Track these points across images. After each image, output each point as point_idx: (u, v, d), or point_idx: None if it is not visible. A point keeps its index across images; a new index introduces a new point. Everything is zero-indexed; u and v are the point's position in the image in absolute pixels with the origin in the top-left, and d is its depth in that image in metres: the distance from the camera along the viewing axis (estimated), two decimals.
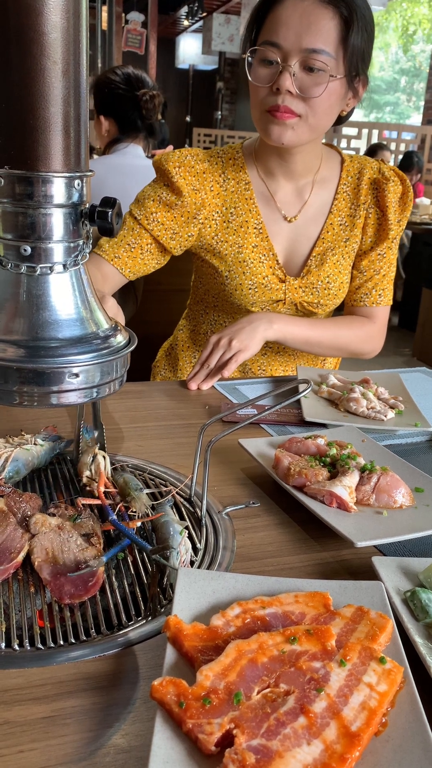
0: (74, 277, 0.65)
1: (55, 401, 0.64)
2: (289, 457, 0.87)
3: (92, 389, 0.66)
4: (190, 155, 1.34)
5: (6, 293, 0.63)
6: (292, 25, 1.16)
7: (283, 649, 0.54)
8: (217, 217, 1.36)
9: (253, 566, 0.72)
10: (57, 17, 0.56)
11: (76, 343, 0.64)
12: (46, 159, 0.60)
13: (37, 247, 0.62)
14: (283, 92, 1.17)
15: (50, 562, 0.67)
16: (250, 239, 1.36)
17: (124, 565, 0.71)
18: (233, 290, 1.39)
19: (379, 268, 1.42)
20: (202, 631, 0.56)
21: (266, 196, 1.38)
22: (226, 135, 10.34)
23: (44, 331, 0.63)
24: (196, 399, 1.23)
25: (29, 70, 0.57)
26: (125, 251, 1.33)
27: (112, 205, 0.64)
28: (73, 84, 0.59)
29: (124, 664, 0.58)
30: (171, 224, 1.33)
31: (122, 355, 0.67)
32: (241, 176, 1.37)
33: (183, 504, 0.83)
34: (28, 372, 0.61)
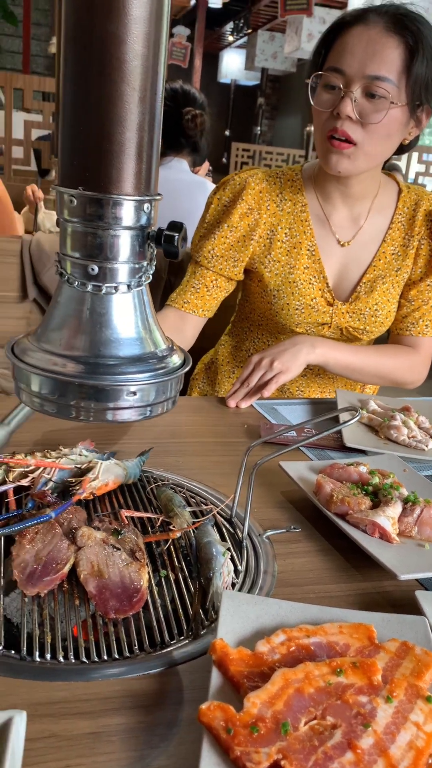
0: (136, 298, 0.66)
1: (110, 417, 0.65)
2: (331, 484, 0.87)
3: (147, 407, 0.67)
4: (250, 176, 1.38)
5: (70, 310, 0.64)
6: (357, 52, 1.18)
7: (330, 680, 0.54)
8: (271, 236, 1.38)
9: (294, 592, 0.72)
10: (139, 46, 0.58)
11: (134, 361, 0.65)
12: (119, 182, 0.61)
13: (104, 267, 0.63)
14: (343, 117, 1.19)
15: (96, 576, 0.68)
16: (302, 260, 1.38)
17: (166, 582, 0.72)
18: (280, 310, 1.40)
19: (428, 299, 1.42)
20: (248, 656, 0.57)
21: (322, 218, 1.39)
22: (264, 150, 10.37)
23: (105, 348, 0.64)
24: (234, 417, 1.23)
25: (109, 96, 0.58)
26: (192, 294, 1.40)
27: (179, 230, 0.65)
28: (149, 110, 0.61)
29: (167, 684, 0.58)
30: (230, 253, 1.38)
31: (177, 376, 0.68)
32: (298, 198, 1.39)
33: (223, 525, 0.83)
34: (88, 388, 0.62)
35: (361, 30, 1.19)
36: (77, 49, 0.58)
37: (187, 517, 0.80)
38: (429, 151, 7.63)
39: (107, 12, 0.56)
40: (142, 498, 0.88)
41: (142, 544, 0.74)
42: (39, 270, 1.73)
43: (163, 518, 0.80)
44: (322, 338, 1.35)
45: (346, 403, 1.26)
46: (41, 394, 0.64)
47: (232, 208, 1.37)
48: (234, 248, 1.39)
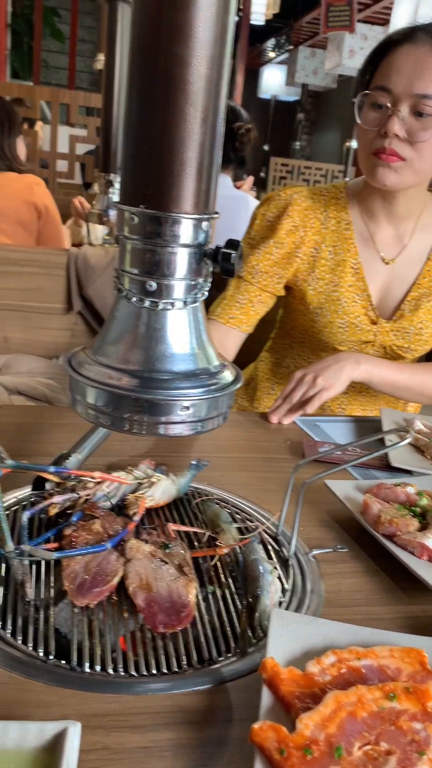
0: (191, 314, 0.67)
1: (162, 431, 0.66)
2: (379, 504, 0.87)
3: (198, 423, 0.67)
4: (296, 193, 1.39)
5: (127, 325, 0.65)
6: (404, 70, 1.18)
7: (383, 705, 0.53)
8: (315, 254, 1.39)
9: (342, 613, 0.72)
10: (204, 68, 0.59)
11: (188, 377, 0.66)
12: (179, 200, 0.62)
13: (161, 283, 0.64)
14: (390, 136, 1.19)
15: (144, 589, 0.69)
16: (346, 278, 1.37)
17: (213, 598, 0.72)
18: (323, 327, 1.40)
19: None
20: (299, 676, 0.56)
21: (366, 236, 1.39)
22: (302, 165, 10.41)
23: (160, 363, 0.65)
24: (276, 432, 1.23)
25: (173, 117, 0.59)
26: (237, 309, 1.41)
27: (236, 247, 0.65)
28: (210, 130, 0.62)
29: (217, 701, 0.58)
30: (275, 269, 1.38)
31: (229, 392, 0.69)
32: (342, 216, 1.39)
33: (269, 542, 0.83)
34: (143, 402, 0.63)
35: (409, 48, 1.19)
36: (143, 72, 0.59)
37: (234, 534, 0.80)
38: None
39: (173, 35, 0.57)
40: (188, 512, 0.88)
41: (189, 559, 0.74)
42: (84, 283, 1.75)
43: (210, 534, 0.80)
44: (366, 355, 1.34)
45: (391, 422, 1.25)
46: (96, 406, 0.65)
47: (278, 224, 1.38)
48: (278, 264, 1.39)
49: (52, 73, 10.93)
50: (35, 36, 6.60)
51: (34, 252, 1.78)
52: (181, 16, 0.57)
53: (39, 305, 1.79)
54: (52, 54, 10.60)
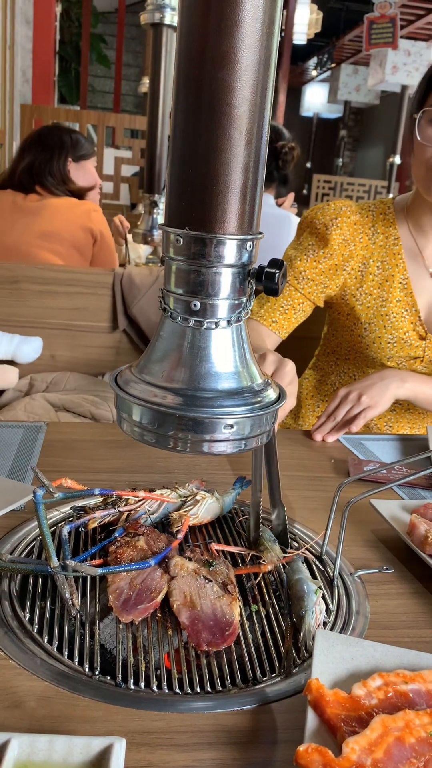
0: (235, 333, 0.68)
1: (206, 449, 0.66)
2: (426, 524, 0.85)
3: (242, 441, 0.67)
4: (345, 206, 1.39)
5: (172, 344, 0.66)
6: None
7: (431, 731, 0.52)
8: (363, 269, 1.38)
9: (388, 635, 0.71)
10: (248, 92, 0.60)
11: (232, 395, 0.66)
12: (223, 222, 0.63)
13: (206, 303, 0.65)
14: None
15: (188, 607, 0.69)
16: (395, 293, 1.37)
17: (257, 617, 0.72)
18: (371, 343, 1.39)
19: None
20: (344, 699, 0.56)
21: (414, 252, 1.38)
22: (345, 182, 10.40)
23: (204, 382, 0.66)
24: (320, 451, 1.22)
25: (217, 140, 0.60)
26: (281, 314, 1.41)
27: (280, 267, 0.66)
28: (254, 153, 0.63)
29: (261, 722, 0.58)
30: (321, 278, 1.38)
31: (272, 410, 0.69)
32: (390, 231, 1.39)
33: (314, 562, 0.82)
34: (187, 420, 0.64)
35: None
36: (189, 97, 0.61)
37: (278, 552, 0.80)
38: None
39: (218, 60, 0.58)
40: (232, 530, 0.88)
41: (233, 577, 0.74)
42: (129, 302, 1.78)
43: (254, 553, 0.80)
44: (411, 372, 1.33)
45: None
46: (141, 423, 0.66)
47: (328, 234, 1.38)
48: (325, 274, 1.39)
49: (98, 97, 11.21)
50: (82, 62, 6.78)
51: (81, 272, 1.82)
52: (226, 43, 0.58)
53: (85, 324, 1.83)
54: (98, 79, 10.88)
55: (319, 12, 8.61)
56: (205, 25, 0.58)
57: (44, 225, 2.05)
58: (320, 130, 14.54)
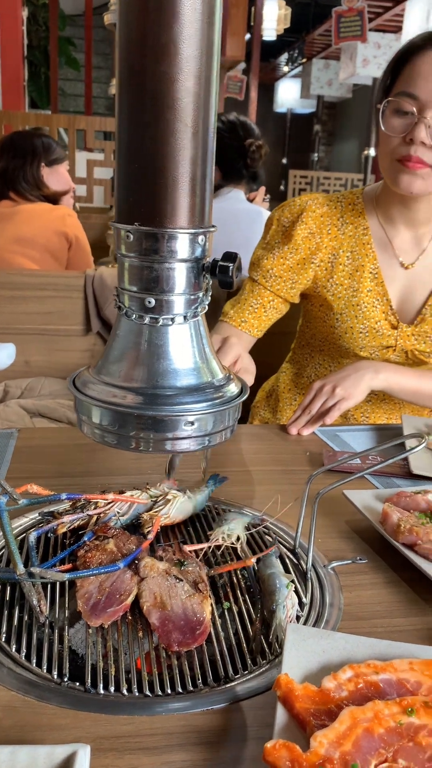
0: (193, 328, 0.67)
1: (170, 447, 0.65)
2: (398, 513, 0.85)
3: (205, 437, 0.67)
4: (311, 200, 1.39)
5: (129, 342, 0.66)
6: (430, 77, 1.17)
7: (400, 720, 0.52)
8: (332, 260, 1.38)
9: (361, 626, 0.70)
10: (191, 84, 0.59)
11: (192, 391, 0.65)
12: (173, 216, 0.62)
13: (161, 299, 0.64)
14: (416, 143, 1.19)
15: (158, 607, 0.68)
16: (365, 283, 1.37)
17: (229, 615, 0.71)
18: (343, 333, 1.39)
19: None
20: (314, 692, 0.55)
21: (384, 242, 1.38)
22: (322, 176, 10.43)
23: (163, 379, 0.65)
24: (296, 444, 1.22)
25: (162, 133, 0.59)
26: (250, 313, 1.40)
27: (233, 260, 0.65)
28: (201, 145, 0.62)
29: (231, 720, 0.57)
30: (289, 274, 1.38)
31: (234, 405, 0.68)
32: (359, 221, 1.38)
33: (287, 556, 0.82)
34: (147, 418, 0.63)
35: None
36: (131, 90, 0.60)
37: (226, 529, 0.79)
38: None
39: (159, 53, 0.57)
40: (205, 528, 0.87)
41: (204, 576, 0.73)
42: (102, 303, 1.77)
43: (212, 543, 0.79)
44: (385, 363, 1.33)
45: (412, 429, 1.23)
46: (102, 425, 0.65)
47: (293, 230, 1.37)
48: (293, 270, 1.38)
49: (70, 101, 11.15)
50: (51, 66, 6.74)
51: (52, 276, 1.81)
52: (166, 34, 0.57)
53: (59, 328, 1.82)
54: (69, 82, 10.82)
55: (287, 7, 8.62)
56: (144, 17, 0.57)
57: (18, 230, 2.03)
58: (294, 126, 14.57)
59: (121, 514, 0.81)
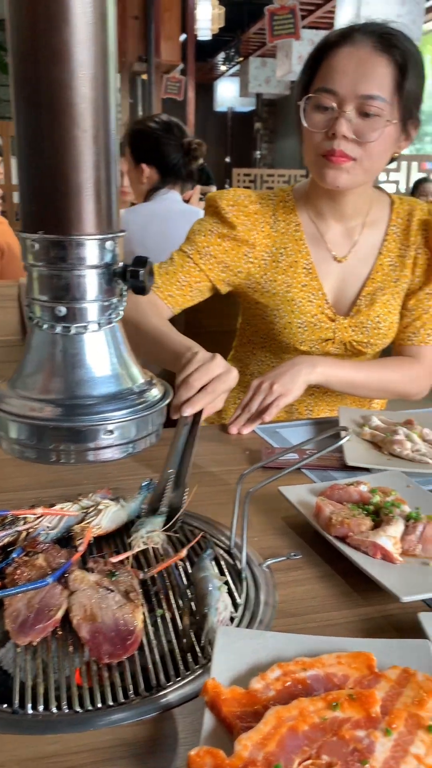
0: (109, 335, 0.66)
1: (92, 458, 0.64)
2: (331, 506, 0.86)
3: (128, 444, 0.66)
4: (243, 195, 1.39)
5: (43, 353, 0.64)
6: (348, 72, 1.19)
7: (325, 716, 0.52)
8: (266, 257, 1.38)
9: (295, 623, 0.70)
10: (86, 89, 0.58)
11: (111, 399, 0.64)
12: (78, 223, 0.61)
13: (72, 307, 0.63)
14: (339, 137, 1.21)
15: (89, 620, 0.67)
16: (299, 278, 1.38)
17: (162, 622, 0.70)
18: (282, 329, 1.40)
19: (428, 308, 1.41)
20: (241, 695, 0.55)
21: (316, 237, 1.40)
22: (265, 174, 10.48)
23: (80, 389, 0.64)
24: (236, 444, 1.22)
25: (60, 139, 0.58)
26: (177, 288, 1.37)
27: (144, 264, 0.65)
28: (103, 150, 0.61)
29: (162, 729, 0.57)
30: (223, 257, 1.37)
31: (157, 409, 0.68)
32: (291, 218, 1.39)
33: (223, 557, 0.82)
34: (65, 430, 0.62)
35: (350, 50, 1.20)
36: (27, 97, 0.58)
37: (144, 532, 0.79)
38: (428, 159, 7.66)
39: (51, 58, 0.57)
40: None
41: (136, 585, 0.72)
42: None
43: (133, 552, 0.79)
44: (322, 357, 1.34)
45: (349, 421, 1.24)
46: (20, 440, 0.64)
47: (235, 219, 1.36)
48: (227, 254, 1.37)
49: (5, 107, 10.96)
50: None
51: None
52: (57, 39, 0.56)
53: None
54: (4, 88, 10.64)
55: (221, 7, 8.65)
56: (34, 21, 0.56)
57: None
58: (236, 124, 14.64)
59: (51, 527, 0.80)
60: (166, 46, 5.82)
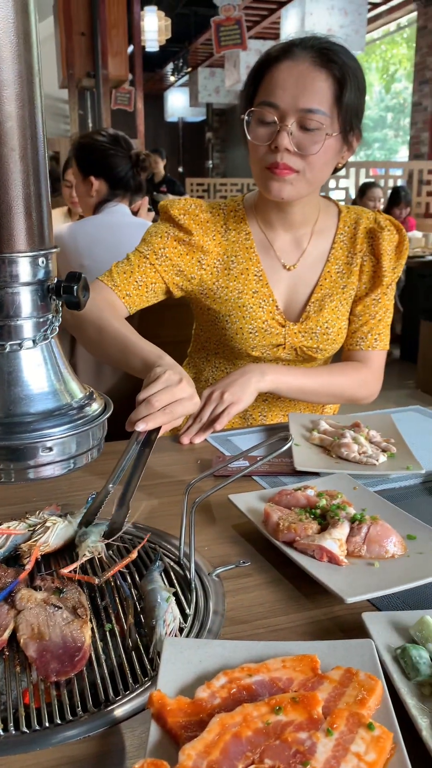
0: (45, 351, 0.66)
1: (33, 476, 0.64)
2: (279, 512, 0.87)
3: (69, 460, 0.66)
4: (194, 204, 1.40)
5: None
6: (288, 86, 1.21)
7: (269, 720, 0.53)
8: (218, 265, 1.40)
9: (243, 630, 0.71)
10: (11, 107, 0.58)
11: (49, 416, 0.64)
12: (10, 240, 0.61)
13: (6, 324, 0.63)
14: (281, 150, 1.23)
15: (36, 639, 0.66)
16: (250, 285, 1.40)
17: (111, 636, 0.70)
18: (234, 334, 1.41)
19: (375, 313, 1.45)
20: (186, 705, 0.55)
21: (266, 245, 1.42)
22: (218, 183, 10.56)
23: (17, 407, 0.63)
24: (188, 454, 1.22)
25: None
26: (135, 288, 1.37)
27: (78, 280, 0.65)
28: (32, 167, 0.61)
29: (109, 745, 0.56)
30: (178, 261, 1.38)
31: (97, 424, 0.68)
32: (241, 227, 1.42)
33: (173, 568, 0.82)
34: (2, 449, 0.62)
35: (290, 65, 1.23)
36: None
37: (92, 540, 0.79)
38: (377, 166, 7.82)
39: None
40: None
41: (84, 601, 0.72)
42: None
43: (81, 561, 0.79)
44: (272, 365, 1.36)
45: (299, 426, 1.26)
46: None
47: (190, 226, 1.38)
48: (182, 258, 1.38)
49: None
50: None
51: None
52: None
53: None
54: None
55: (167, 18, 8.70)
56: None
57: None
58: (187, 134, 14.71)
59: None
60: (113, 62, 5.83)
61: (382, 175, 7.81)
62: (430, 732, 0.54)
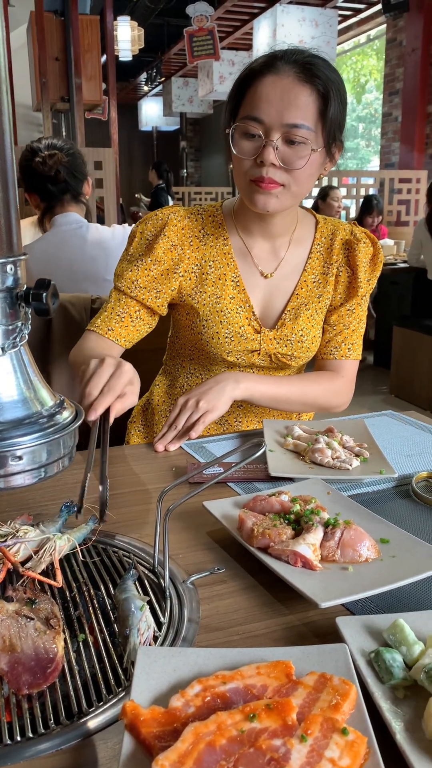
0: (14, 359, 0.65)
1: (2, 485, 0.63)
2: (253, 518, 0.87)
3: (40, 469, 0.65)
4: (172, 213, 1.40)
5: None
6: (273, 101, 1.21)
7: (243, 728, 0.52)
8: (196, 270, 1.40)
9: (218, 637, 0.71)
10: None
11: (18, 424, 0.64)
12: None
13: None
14: (267, 165, 1.23)
15: (7, 651, 0.65)
16: (228, 291, 1.40)
17: (85, 647, 0.69)
18: (210, 339, 1.41)
19: (349, 323, 1.46)
20: (160, 714, 0.55)
21: (244, 252, 1.43)
22: (193, 191, 10.60)
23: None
24: (163, 461, 1.22)
25: None
26: (116, 322, 1.39)
27: (47, 287, 0.64)
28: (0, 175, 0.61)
29: (82, 757, 0.56)
30: (153, 285, 1.39)
31: (68, 432, 0.67)
32: (220, 233, 1.42)
33: (147, 576, 0.81)
34: None
35: (274, 79, 1.23)
36: None
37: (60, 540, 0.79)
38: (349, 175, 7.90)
39: None
40: (63, 558, 0.85)
41: (57, 611, 0.71)
42: None
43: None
44: (246, 373, 1.36)
45: (273, 432, 1.26)
46: None
47: (155, 242, 1.38)
48: (158, 281, 1.39)
49: None
50: None
51: None
52: None
53: None
54: None
55: (140, 28, 8.73)
56: None
57: None
58: (161, 143, 14.75)
59: None
60: (87, 86, 5.82)
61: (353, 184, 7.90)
62: (404, 735, 0.54)
